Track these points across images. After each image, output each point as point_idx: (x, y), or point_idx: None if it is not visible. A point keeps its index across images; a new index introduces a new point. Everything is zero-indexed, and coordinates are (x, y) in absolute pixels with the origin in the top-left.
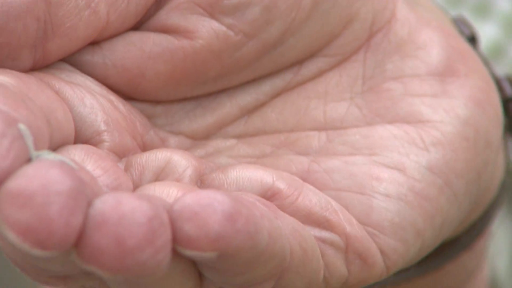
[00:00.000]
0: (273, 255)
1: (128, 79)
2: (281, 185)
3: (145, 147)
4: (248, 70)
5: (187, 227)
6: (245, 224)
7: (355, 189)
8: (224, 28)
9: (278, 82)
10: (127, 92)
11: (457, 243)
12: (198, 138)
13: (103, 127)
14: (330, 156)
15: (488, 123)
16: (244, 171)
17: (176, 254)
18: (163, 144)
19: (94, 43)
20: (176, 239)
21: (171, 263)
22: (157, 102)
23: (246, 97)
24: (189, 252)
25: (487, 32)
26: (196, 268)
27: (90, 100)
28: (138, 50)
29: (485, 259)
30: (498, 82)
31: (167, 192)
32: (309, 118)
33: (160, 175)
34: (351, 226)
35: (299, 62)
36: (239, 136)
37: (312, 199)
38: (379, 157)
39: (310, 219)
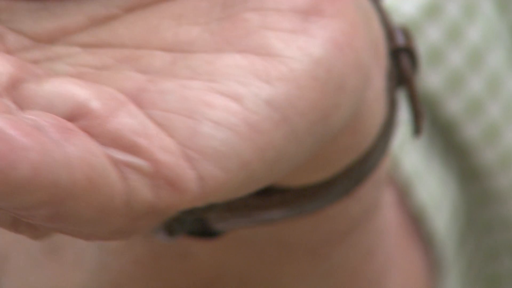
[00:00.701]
0: (38, 187)
1: None
2: (95, 104)
3: None
4: None
5: None
6: None
7: (185, 112)
8: None
9: None
10: None
11: (331, 187)
12: (41, 41)
13: None
14: (169, 78)
15: (345, 67)
16: (60, 85)
17: None
18: (0, 40)
19: None
20: None
21: None
22: None
23: (97, 8)
24: None
25: None
26: None
27: None
28: None
29: (378, 209)
30: (390, 32)
31: None
32: (158, 38)
33: None
34: (163, 153)
35: None
36: (84, 45)
37: (127, 122)
38: (217, 84)
39: (117, 142)
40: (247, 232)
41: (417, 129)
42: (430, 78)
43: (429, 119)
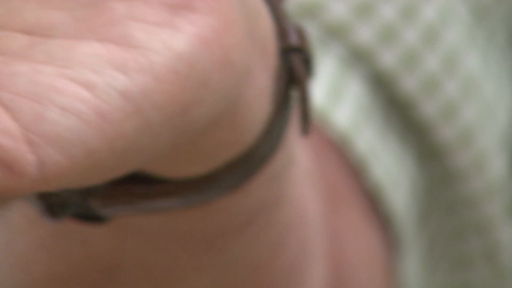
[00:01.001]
0: None
1: None
2: None
3: None
4: None
5: None
6: None
7: (32, 96)
8: None
9: None
10: None
11: (214, 181)
12: None
13: None
14: (22, 61)
15: (210, 64)
16: None
17: None
18: None
19: None
20: None
21: None
22: None
23: None
24: None
25: None
26: None
27: None
28: None
29: (282, 203)
30: (282, 31)
31: None
32: (19, 20)
33: None
34: (2, 135)
35: None
36: None
37: None
38: (70, 71)
39: None
40: (141, 221)
41: (304, 130)
42: (385, 56)
43: (386, 98)
